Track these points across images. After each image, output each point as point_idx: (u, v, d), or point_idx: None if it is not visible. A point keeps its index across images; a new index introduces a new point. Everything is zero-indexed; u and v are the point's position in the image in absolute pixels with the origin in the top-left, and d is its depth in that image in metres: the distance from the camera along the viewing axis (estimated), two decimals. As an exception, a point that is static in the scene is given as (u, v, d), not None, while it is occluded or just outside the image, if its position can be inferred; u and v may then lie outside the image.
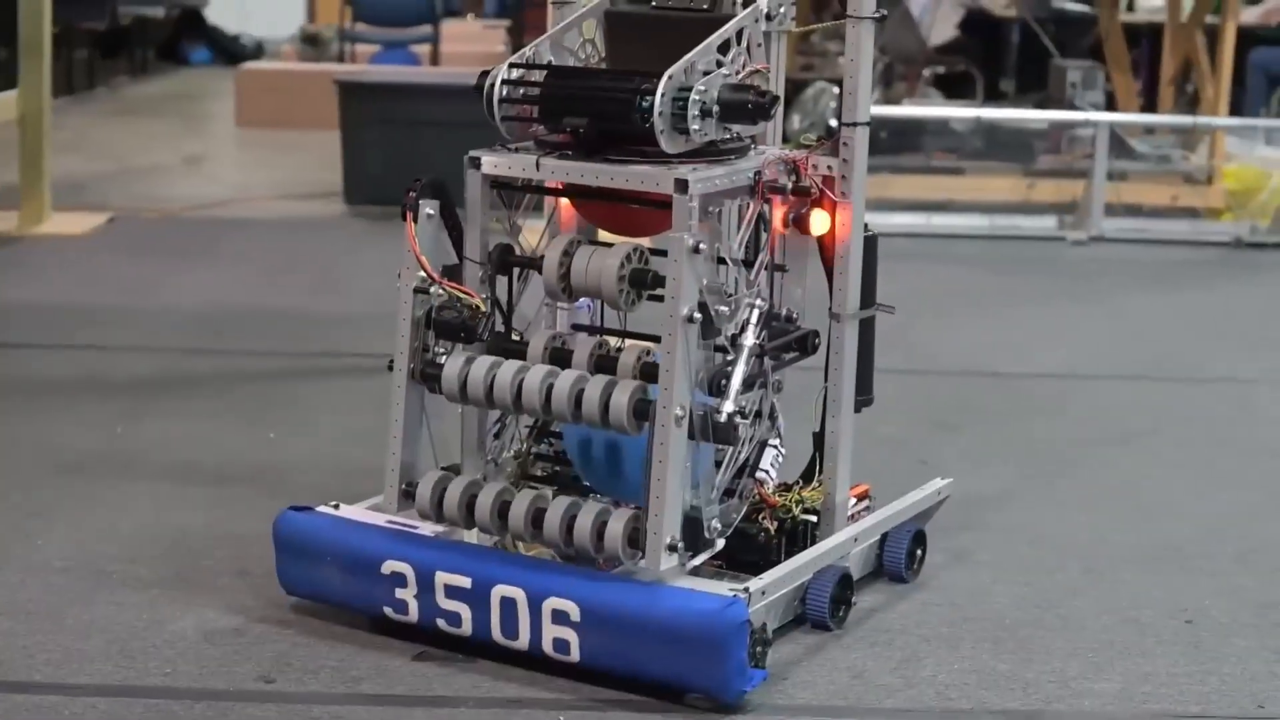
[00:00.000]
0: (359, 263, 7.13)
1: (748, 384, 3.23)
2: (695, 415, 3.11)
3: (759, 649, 3.09)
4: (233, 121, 11.83)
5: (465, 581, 3.19)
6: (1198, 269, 7.69)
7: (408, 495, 3.38)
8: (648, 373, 3.18)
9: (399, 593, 3.26)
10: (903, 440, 4.73)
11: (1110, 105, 9.69)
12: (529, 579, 3.16)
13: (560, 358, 3.29)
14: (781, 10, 3.40)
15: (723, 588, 3.12)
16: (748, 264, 3.31)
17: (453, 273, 3.36)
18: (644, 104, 3.12)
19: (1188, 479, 4.56)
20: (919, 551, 3.75)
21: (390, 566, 3.26)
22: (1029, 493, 4.39)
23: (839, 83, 3.50)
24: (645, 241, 3.29)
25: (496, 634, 3.18)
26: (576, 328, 3.54)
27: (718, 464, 3.24)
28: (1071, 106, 9.52)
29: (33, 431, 4.67)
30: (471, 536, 3.41)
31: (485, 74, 3.34)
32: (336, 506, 3.45)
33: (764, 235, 3.35)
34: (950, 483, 3.90)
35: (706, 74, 3.18)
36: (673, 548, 3.12)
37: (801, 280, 3.45)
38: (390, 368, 3.39)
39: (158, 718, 3.02)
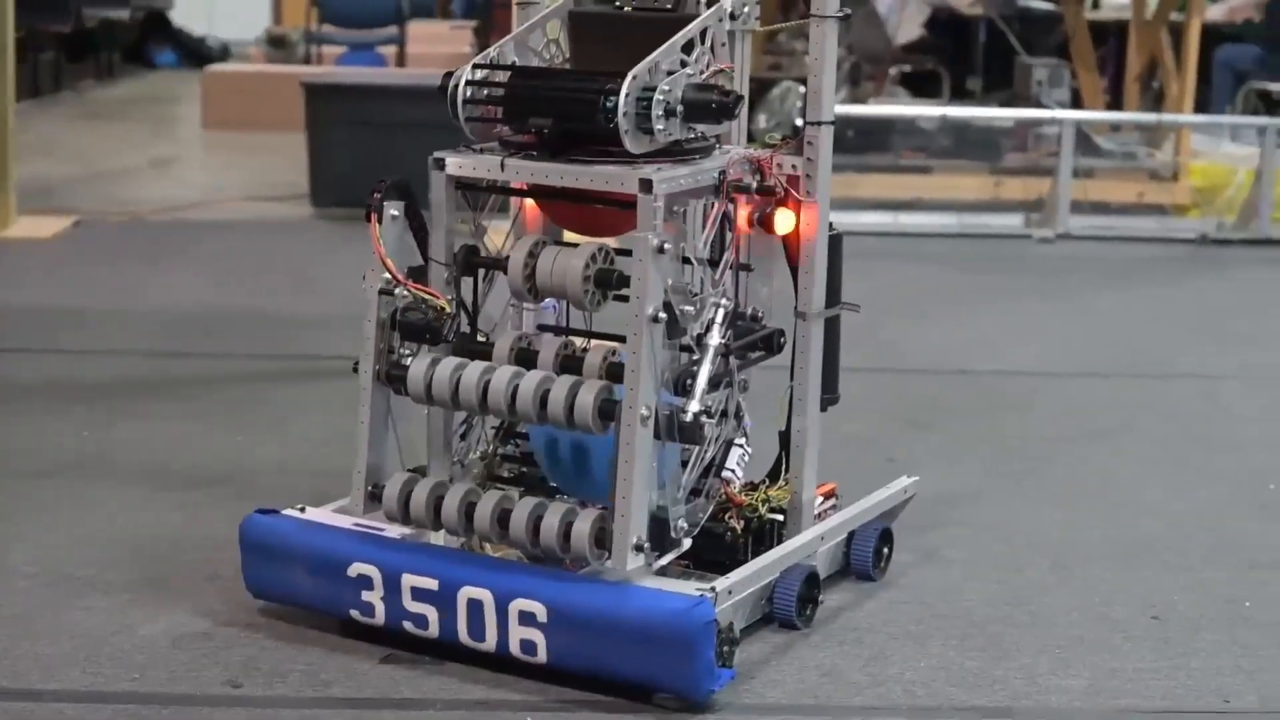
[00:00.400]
0: (328, 264, 7.11)
1: (713, 383, 3.23)
2: (661, 415, 3.11)
3: (726, 648, 3.08)
4: (199, 124, 11.79)
5: (432, 583, 3.18)
6: (1165, 266, 7.71)
7: (374, 497, 3.37)
8: (613, 373, 3.18)
9: (365, 595, 3.25)
10: (872, 439, 4.73)
11: (1076, 103, 9.73)
12: (496, 580, 3.15)
13: (526, 358, 3.28)
14: (745, 10, 3.40)
15: (690, 587, 3.11)
16: (713, 263, 3.30)
17: (418, 274, 3.35)
18: (608, 104, 3.12)
19: (1158, 475, 4.57)
20: (886, 550, 3.75)
21: (356, 569, 3.25)
22: (999, 490, 4.39)
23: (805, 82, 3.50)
24: (610, 241, 3.28)
25: (464, 636, 3.17)
26: (542, 328, 3.54)
27: (684, 464, 3.24)
28: (1038, 104, 9.55)
29: (2, 436, 4.65)
30: (438, 538, 3.40)
31: (449, 75, 3.33)
32: (303, 509, 3.44)
33: (729, 235, 3.35)
34: (916, 480, 3.90)
35: (670, 74, 3.18)
36: (639, 548, 3.11)
37: (768, 279, 3.45)
38: (355, 370, 3.38)
39: (124, 723, 3.01)
